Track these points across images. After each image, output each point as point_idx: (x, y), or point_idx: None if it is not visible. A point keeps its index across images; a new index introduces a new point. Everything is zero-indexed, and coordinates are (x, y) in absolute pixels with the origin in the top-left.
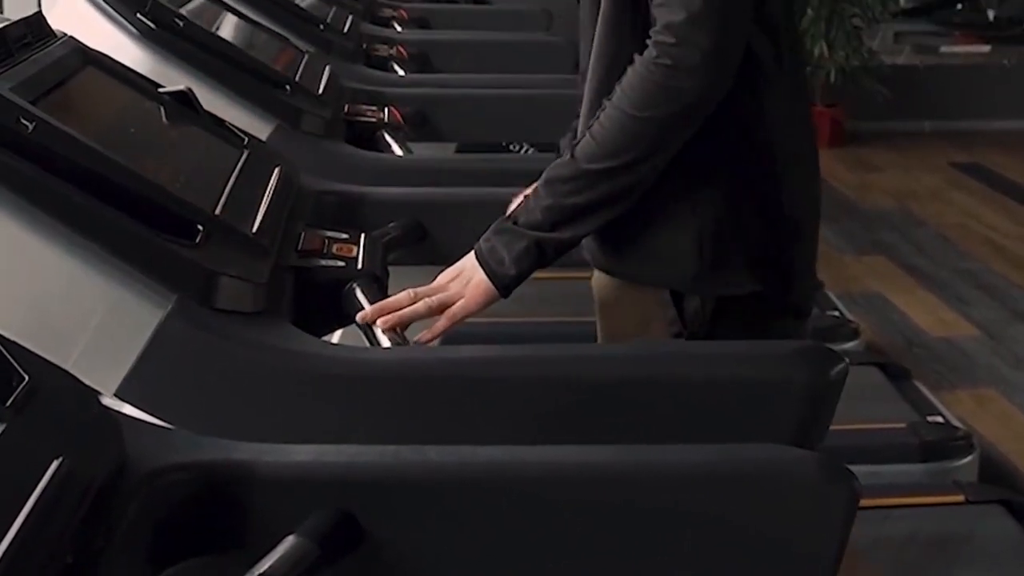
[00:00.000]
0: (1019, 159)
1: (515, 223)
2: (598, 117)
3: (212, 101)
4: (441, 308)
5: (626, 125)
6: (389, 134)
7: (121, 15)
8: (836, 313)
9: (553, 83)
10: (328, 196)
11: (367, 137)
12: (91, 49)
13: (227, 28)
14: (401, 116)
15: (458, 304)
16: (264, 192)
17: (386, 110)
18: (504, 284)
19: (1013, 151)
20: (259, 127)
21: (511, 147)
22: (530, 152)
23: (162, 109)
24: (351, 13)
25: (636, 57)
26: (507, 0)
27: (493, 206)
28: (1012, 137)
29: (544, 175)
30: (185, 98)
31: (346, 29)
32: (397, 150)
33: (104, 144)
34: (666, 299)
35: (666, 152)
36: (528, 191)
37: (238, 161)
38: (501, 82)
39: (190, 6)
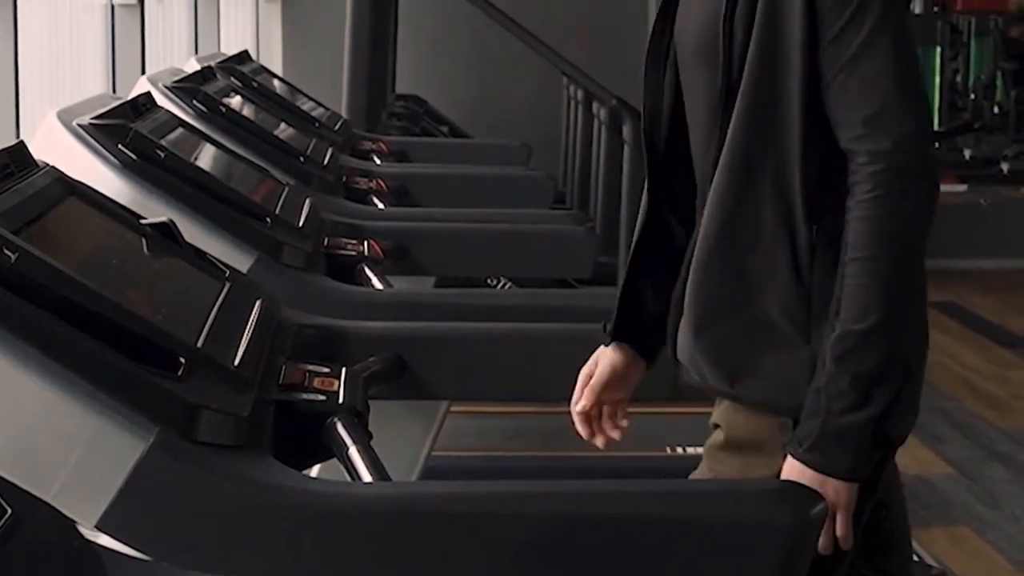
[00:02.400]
0: (995, 298)
1: (831, 417)
2: (841, 283)
3: (193, 233)
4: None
5: (879, 272)
6: (369, 267)
7: (102, 146)
8: None
9: (532, 218)
10: (309, 329)
11: (347, 270)
12: (73, 179)
13: (208, 160)
14: (381, 249)
15: (841, 522)
16: (246, 325)
17: (366, 243)
18: (863, 479)
19: (989, 290)
20: (240, 259)
21: (489, 281)
22: (508, 287)
23: (144, 241)
24: (331, 145)
25: (850, 203)
26: (487, 134)
27: (472, 341)
28: (988, 276)
29: (828, 362)
30: (167, 230)
31: (326, 161)
32: (377, 283)
33: (86, 275)
34: (786, 424)
35: (921, 266)
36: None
37: (219, 293)
38: (480, 216)
39: (171, 137)
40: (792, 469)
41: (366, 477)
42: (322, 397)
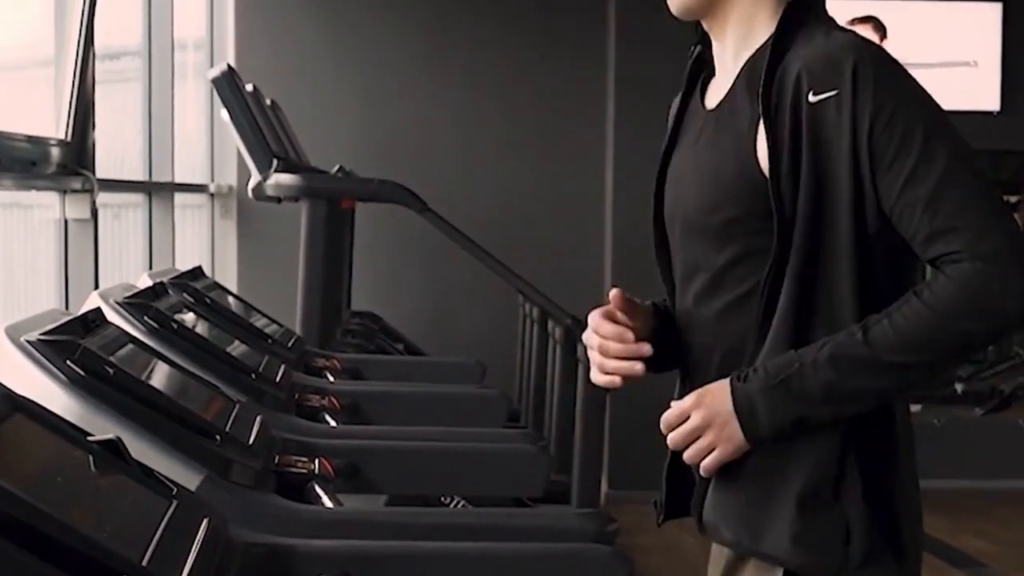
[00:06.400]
0: (947, 519)
1: (787, 388)
2: (900, 309)
3: (141, 450)
4: (695, 457)
5: (936, 327)
6: (319, 485)
7: (50, 362)
8: None
9: (485, 436)
10: (256, 548)
11: (297, 488)
12: (19, 395)
13: (158, 376)
14: (332, 467)
15: (712, 457)
16: (192, 543)
17: (317, 461)
18: (759, 442)
19: (942, 510)
20: (188, 477)
21: (442, 499)
22: (461, 505)
23: (91, 458)
24: (284, 362)
25: (947, 268)
26: (442, 351)
27: (424, 560)
28: (941, 496)
29: (830, 351)
30: (114, 447)
31: (278, 379)
32: (327, 502)
33: (30, 493)
34: None
35: (962, 361)
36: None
37: (166, 512)
38: (433, 435)
39: (120, 353)
40: (715, 399)
41: None
42: None
